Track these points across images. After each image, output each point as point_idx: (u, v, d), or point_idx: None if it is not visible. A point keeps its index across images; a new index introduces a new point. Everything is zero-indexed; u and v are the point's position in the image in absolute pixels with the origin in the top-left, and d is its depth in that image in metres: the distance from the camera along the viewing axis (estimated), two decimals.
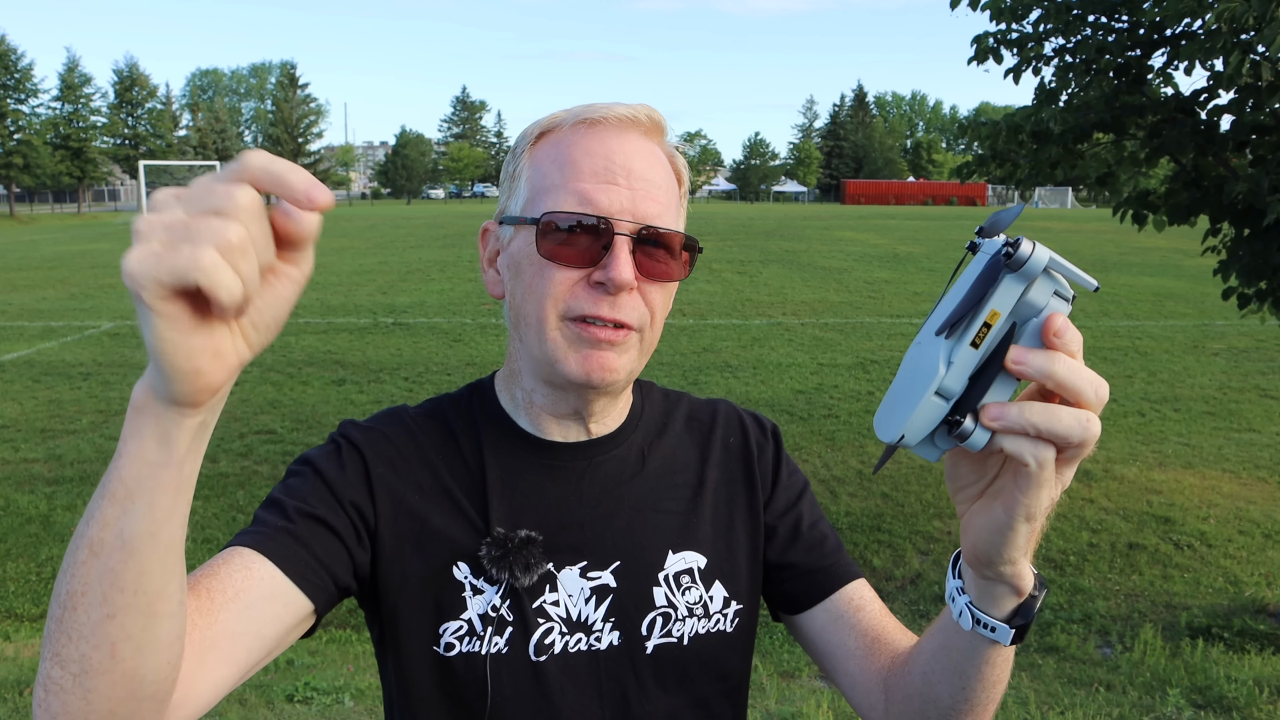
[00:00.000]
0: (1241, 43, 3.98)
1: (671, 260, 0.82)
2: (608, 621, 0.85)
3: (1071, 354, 0.53)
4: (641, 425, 0.93)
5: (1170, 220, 4.76)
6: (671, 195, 0.84)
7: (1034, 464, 0.54)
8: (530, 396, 0.87)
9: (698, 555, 0.88)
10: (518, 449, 0.87)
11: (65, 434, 7.24)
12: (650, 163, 0.82)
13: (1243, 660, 4.10)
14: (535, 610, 0.83)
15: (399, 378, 9.14)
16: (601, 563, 0.85)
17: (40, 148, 47.86)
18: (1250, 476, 6.55)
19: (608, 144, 0.80)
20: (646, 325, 0.82)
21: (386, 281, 16.71)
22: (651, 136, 0.84)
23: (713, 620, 0.87)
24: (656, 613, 0.86)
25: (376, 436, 0.86)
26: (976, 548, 0.61)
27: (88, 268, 19.36)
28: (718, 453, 0.94)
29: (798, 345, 10.92)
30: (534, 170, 0.83)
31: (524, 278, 0.82)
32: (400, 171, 77.48)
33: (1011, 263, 0.51)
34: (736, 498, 0.93)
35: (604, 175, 0.79)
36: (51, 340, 11.10)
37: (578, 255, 0.78)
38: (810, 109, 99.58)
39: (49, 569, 5.06)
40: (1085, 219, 41.69)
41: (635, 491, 0.89)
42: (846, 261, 20.57)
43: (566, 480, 0.87)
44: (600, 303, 0.78)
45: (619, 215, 0.78)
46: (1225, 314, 10.98)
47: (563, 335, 0.80)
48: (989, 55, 4.92)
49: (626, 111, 0.81)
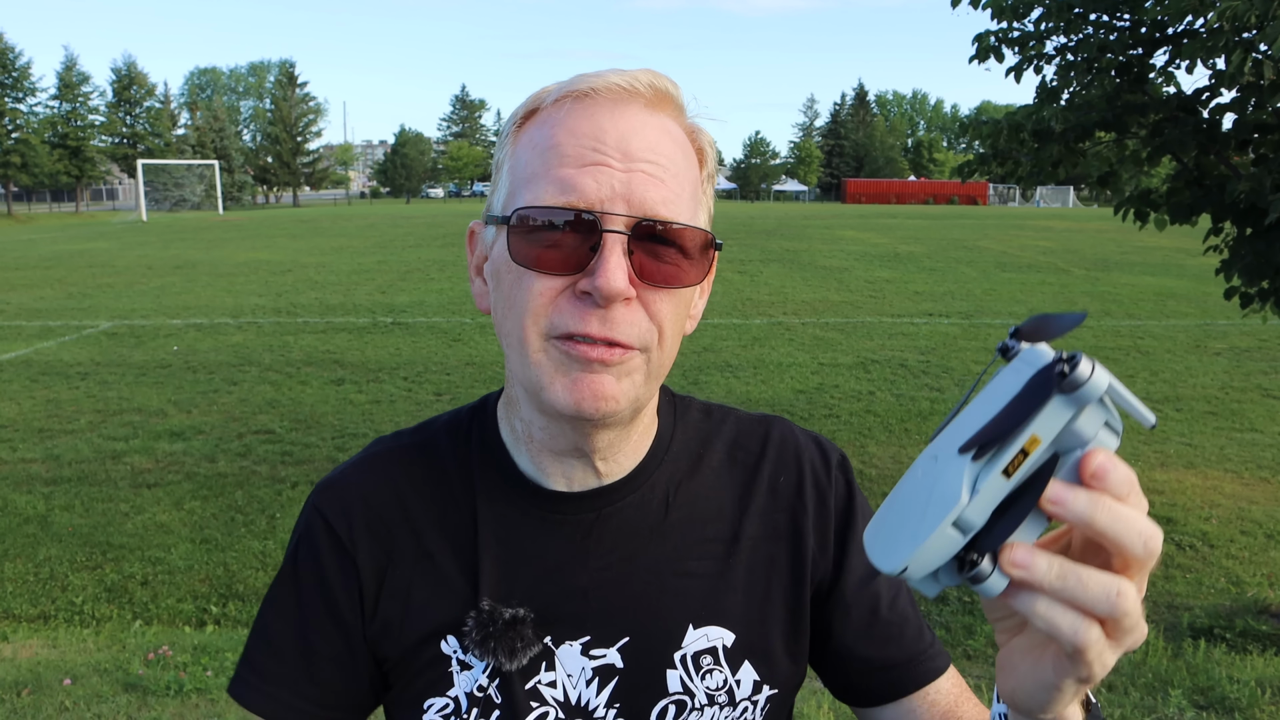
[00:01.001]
0: (1243, 41, 3.97)
1: (683, 260, 0.65)
2: (611, 708, 0.72)
3: (1120, 498, 0.44)
4: (669, 460, 0.77)
5: (1172, 219, 4.74)
6: (686, 178, 0.67)
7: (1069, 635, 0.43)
8: (529, 429, 0.73)
9: (724, 631, 0.74)
10: (515, 496, 0.74)
11: (63, 434, 7.22)
12: (655, 139, 0.65)
13: (1245, 661, 4.09)
14: (528, 692, 0.71)
15: (398, 377, 9.12)
16: (607, 639, 0.73)
17: (38, 146, 47.79)
18: (1252, 476, 6.54)
19: (598, 120, 0.64)
20: (653, 344, 0.66)
21: (385, 281, 16.68)
22: (658, 108, 0.67)
23: (739, 710, 0.74)
24: (669, 700, 0.73)
25: (352, 498, 0.75)
26: (1015, 695, 0.50)
27: (86, 267, 19.33)
28: (761, 498, 0.77)
29: (798, 345, 10.91)
30: (515, 158, 0.68)
31: (503, 289, 0.68)
32: (399, 170, 77.45)
33: (1065, 384, 0.43)
34: (780, 558, 0.76)
35: (592, 157, 0.63)
36: (49, 340, 11.07)
37: (560, 259, 0.63)
38: (811, 108, 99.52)
39: (46, 569, 5.04)
40: (1087, 218, 41.72)
41: (653, 550, 0.74)
42: (847, 261, 20.56)
43: (570, 536, 0.73)
44: (588, 317, 0.63)
45: (610, 206, 0.63)
46: (1227, 313, 10.98)
47: (548, 356, 0.65)
48: (990, 54, 4.90)
49: (621, 80, 0.65)
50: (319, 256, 21.39)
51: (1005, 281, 17.18)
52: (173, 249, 24.00)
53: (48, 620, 4.61)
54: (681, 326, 0.69)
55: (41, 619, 4.63)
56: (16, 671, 3.76)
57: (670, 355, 0.69)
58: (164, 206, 54.37)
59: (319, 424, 7.49)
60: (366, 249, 23.35)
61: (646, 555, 0.74)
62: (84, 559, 5.17)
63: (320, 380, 8.98)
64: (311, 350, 10.39)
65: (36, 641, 4.27)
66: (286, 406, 8.03)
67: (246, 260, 20.60)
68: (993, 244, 25.83)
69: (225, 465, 6.43)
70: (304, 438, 7.11)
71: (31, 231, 34.65)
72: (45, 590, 4.85)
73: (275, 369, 9.41)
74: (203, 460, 6.54)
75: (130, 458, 6.65)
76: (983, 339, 11.43)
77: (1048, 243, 26.49)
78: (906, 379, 9.23)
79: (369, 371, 9.37)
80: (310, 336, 11.19)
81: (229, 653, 3.94)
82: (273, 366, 9.53)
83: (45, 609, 4.70)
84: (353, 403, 8.17)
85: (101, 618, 4.62)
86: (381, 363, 9.76)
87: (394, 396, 8.38)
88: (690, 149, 0.69)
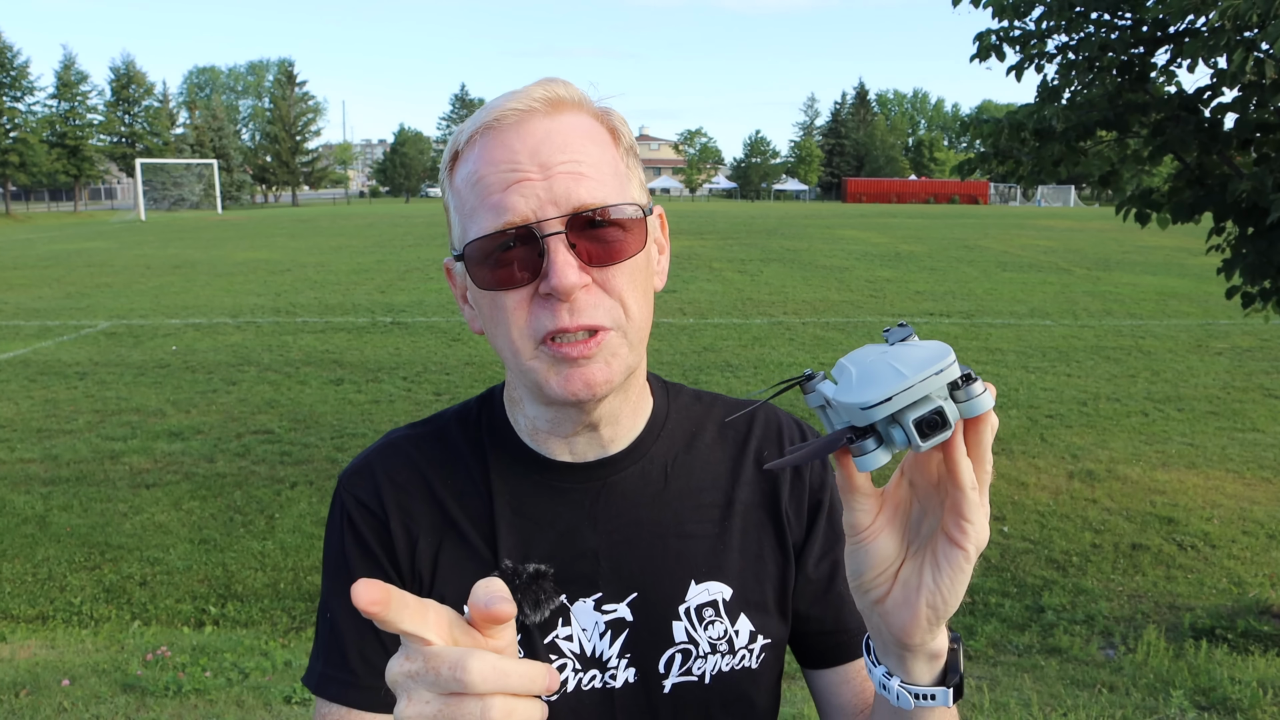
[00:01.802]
0: (1245, 40, 3.96)
1: (624, 234, 0.72)
2: (623, 658, 0.80)
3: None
4: (664, 436, 0.84)
5: (1173, 219, 4.73)
6: (604, 161, 0.73)
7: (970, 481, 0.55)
8: (534, 423, 0.81)
9: (722, 586, 0.82)
10: (526, 471, 0.81)
11: (61, 434, 7.20)
12: (564, 140, 0.72)
13: (1247, 661, 4.08)
14: (547, 646, 0.78)
15: (397, 377, 9.11)
16: (617, 595, 0.80)
17: (36, 146, 47.74)
18: (1254, 476, 6.53)
19: (509, 143, 0.71)
20: (621, 319, 0.73)
21: (385, 280, 16.66)
22: (558, 112, 0.73)
23: (737, 656, 0.81)
24: (676, 649, 0.80)
25: (380, 479, 0.82)
26: (930, 608, 0.59)
27: (84, 266, 19.31)
28: (750, 469, 0.85)
29: (799, 344, 10.90)
30: (456, 199, 0.75)
31: (484, 312, 0.76)
32: (399, 170, 77.41)
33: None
34: (767, 522, 0.84)
35: (513, 177, 0.70)
36: (47, 339, 11.05)
37: (515, 274, 0.71)
38: (811, 106, 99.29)
39: (45, 570, 5.03)
40: (1088, 217, 41.73)
41: (656, 514, 0.81)
42: (848, 260, 20.55)
43: (578, 504, 0.81)
44: (558, 312, 0.70)
45: (542, 213, 0.69)
46: (1229, 313, 10.99)
47: (540, 359, 0.73)
48: (991, 53, 4.88)
49: (516, 102, 0.72)
50: (318, 256, 21.37)
51: (1006, 281, 17.17)
52: (171, 248, 23.98)
53: (46, 621, 4.60)
54: (644, 290, 0.76)
55: (40, 619, 4.62)
56: (15, 672, 3.74)
57: (644, 318, 0.76)
58: (162, 206, 54.34)
59: (318, 424, 7.48)
60: (365, 248, 23.33)
61: (650, 519, 0.81)
62: (82, 559, 5.15)
63: (319, 380, 8.97)
64: (310, 350, 10.37)
65: (35, 642, 4.25)
66: (285, 406, 8.02)
67: (245, 260, 20.58)
68: (994, 243, 25.83)
69: (224, 465, 6.41)
70: (303, 438, 7.10)
71: (29, 231, 34.61)
72: (43, 590, 4.84)
73: (274, 369, 9.39)
74: (201, 460, 6.53)
75: (129, 458, 6.63)
76: (984, 339, 11.42)
77: (1049, 242, 26.49)
78: None
79: (368, 371, 9.36)
80: (309, 336, 11.18)
81: (227, 653, 3.92)
82: (271, 366, 9.51)
83: (43, 609, 4.69)
84: (352, 402, 8.16)
85: (100, 618, 4.61)
86: (381, 362, 9.75)
87: (393, 396, 8.37)
88: (601, 131, 0.75)
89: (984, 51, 4.89)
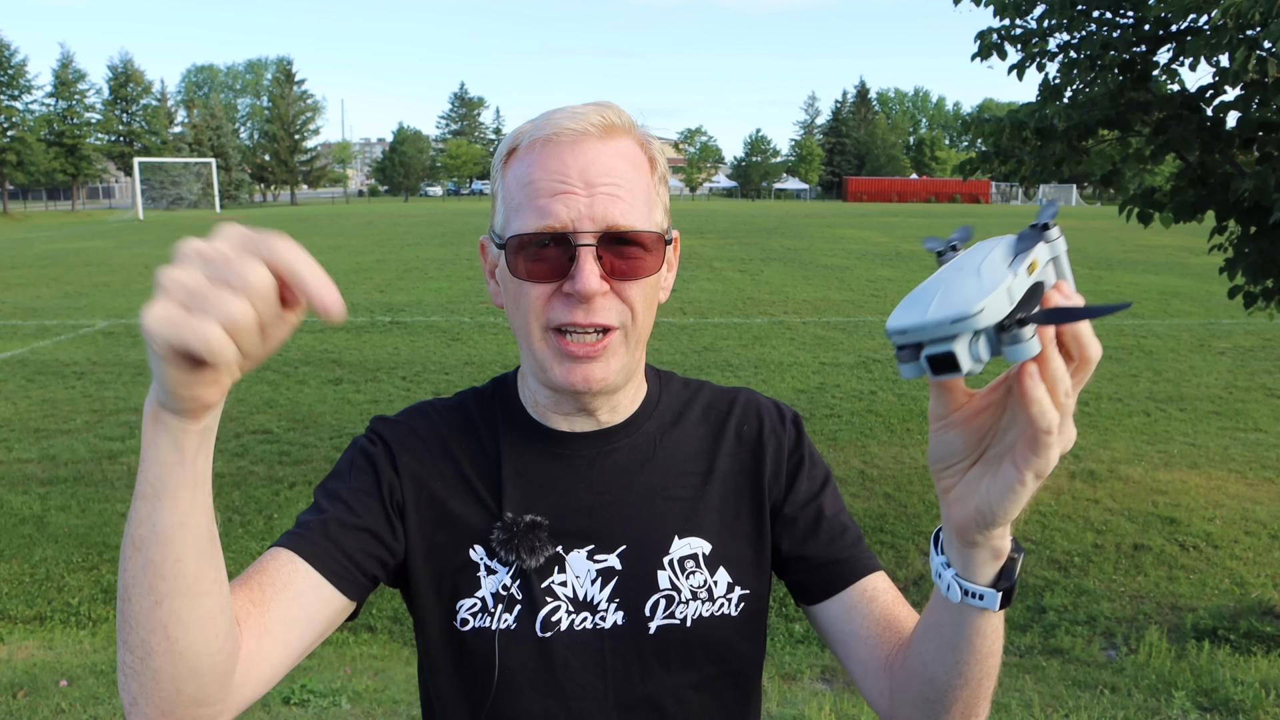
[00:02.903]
0: (1248, 38, 3.94)
1: (645, 255, 0.84)
2: (612, 602, 0.88)
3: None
4: (656, 415, 0.96)
5: (1176, 218, 4.72)
6: (639, 187, 0.85)
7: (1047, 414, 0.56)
8: (536, 397, 0.93)
9: (702, 541, 0.91)
10: (532, 440, 0.93)
11: (59, 434, 7.18)
12: (609, 164, 0.83)
13: (1249, 662, 4.06)
14: (544, 590, 0.88)
15: (396, 377, 9.09)
16: (608, 546, 0.89)
17: (34, 144, 47.69)
18: (1257, 476, 6.51)
19: (563, 159, 0.83)
20: (628, 321, 0.85)
21: (384, 280, 16.65)
22: (608, 137, 0.84)
23: (716, 604, 0.90)
24: (660, 595, 0.89)
25: (404, 430, 0.93)
26: (979, 512, 0.63)
27: (82, 266, 19.28)
28: (730, 442, 0.96)
29: (799, 344, 10.88)
30: (505, 190, 0.87)
31: (509, 294, 0.87)
32: (398, 168, 77.35)
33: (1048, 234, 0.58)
34: (744, 488, 0.94)
35: (561, 188, 0.82)
36: (45, 339, 11.03)
37: (547, 270, 0.82)
38: (812, 105, 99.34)
39: (42, 570, 5.01)
40: (1090, 216, 41.72)
41: (644, 479, 0.92)
42: (848, 259, 20.54)
43: (576, 469, 0.91)
44: (575, 310, 0.82)
45: (579, 224, 0.81)
46: (1231, 312, 10.98)
47: (547, 346, 0.85)
48: (993, 51, 4.87)
49: (576, 125, 0.83)
50: (317, 255, 20.62)
51: None
52: (169, 248, 23.36)
53: (44, 621, 4.58)
54: (651, 302, 0.88)
55: (37, 620, 4.60)
56: (12, 673, 3.73)
57: (646, 324, 0.88)
58: (161, 205, 54.27)
59: (316, 424, 7.46)
60: (364, 247, 23.32)
61: (639, 483, 0.91)
62: (80, 559, 5.14)
63: (318, 380, 8.95)
64: (309, 349, 10.35)
65: (32, 643, 4.24)
66: (284, 406, 8.00)
67: None
68: None
69: (222, 465, 6.39)
70: (301, 438, 7.08)
71: (27, 230, 34.57)
72: (41, 591, 4.82)
73: (272, 368, 9.37)
74: None
75: (127, 458, 6.61)
76: None
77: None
78: None
79: (367, 371, 9.34)
80: (308, 335, 11.15)
81: None
82: (270, 366, 9.49)
83: (41, 610, 4.67)
84: (350, 402, 8.14)
85: (98, 619, 4.59)
86: (379, 362, 9.73)
87: (392, 396, 8.35)
88: (641, 159, 0.87)
89: (985, 50, 4.88)
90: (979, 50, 4.90)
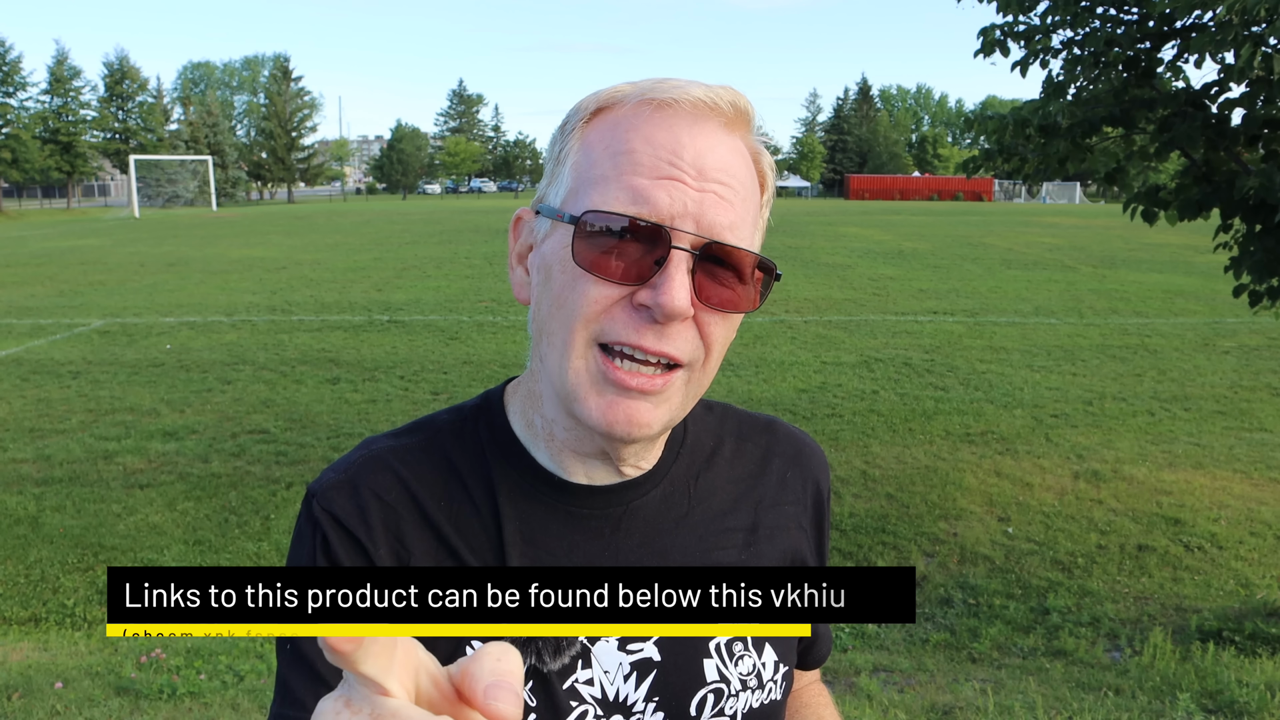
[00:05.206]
0: (1253, 35, 3.92)
1: (740, 285, 0.67)
2: (650, 701, 0.72)
3: None
4: (684, 453, 0.78)
5: (1180, 216, 4.69)
6: (750, 204, 0.69)
7: None
8: (550, 428, 0.72)
9: None
10: (538, 492, 0.73)
11: (54, 434, 7.13)
12: (728, 161, 0.66)
13: (1254, 664, 4.04)
14: (566, 691, 0.70)
15: (394, 376, 9.04)
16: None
17: (29, 142, 47.58)
18: (1262, 477, 6.49)
19: (676, 133, 0.65)
20: (699, 362, 0.67)
21: (382, 278, 16.59)
22: (734, 129, 0.68)
23: (765, 691, 0.76)
24: (708, 689, 0.73)
25: (364, 498, 0.70)
26: None
27: (77, 264, 19.20)
28: (772, 491, 0.80)
29: (800, 343, 10.85)
30: (583, 154, 0.67)
31: (553, 286, 0.67)
32: (395, 166, 77.26)
33: None
34: (789, 548, 0.81)
35: (667, 170, 0.64)
36: (40, 338, 10.96)
37: (623, 268, 0.63)
38: (813, 102, 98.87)
39: (37, 571, 4.97)
40: (1094, 214, 41.75)
41: (681, 542, 0.75)
42: (850, 258, 20.51)
43: (598, 531, 0.73)
44: (644, 331, 0.64)
45: (680, 223, 0.63)
46: (1236, 311, 10.94)
47: (587, 367, 0.65)
48: (996, 48, 4.84)
49: (704, 94, 0.66)
50: (314, 253, 21.27)
51: (1011, 279, 17.14)
52: (166, 246, 23.86)
53: (39, 623, 4.55)
54: (728, 343, 0.70)
55: (32, 621, 4.56)
56: (7, 675, 3.69)
57: (711, 374, 0.70)
58: (157, 203, 54.10)
59: (314, 424, 7.41)
60: (362, 246, 23.24)
61: (674, 548, 0.75)
62: (75, 560, 5.09)
63: (315, 379, 8.90)
64: (306, 349, 10.30)
65: (27, 644, 4.20)
66: (281, 406, 7.95)
67: (240, 257, 20.48)
68: (998, 241, 25.80)
69: (219, 465, 6.35)
70: (299, 437, 7.04)
71: (22, 228, 34.44)
72: (36, 592, 4.78)
73: (270, 368, 9.32)
74: (196, 460, 6.46)
75: (122, 458, 6.56)
76: (988, 337, 11.39)
77: (1054, 239, 26.47)
78: (910, 378, 9.18)
79: (365, 370, 9.29)
80: (305, 335, 11.10)
81: (222, 655, 3.88)
82: (267, 365, 9.44)
83: (36, 611, 4.63)
84: (348, 402, 8.10)
85: (93, 620, 4.55)
86: (377, 361, 9.68)
87: (390, 395, 8.31)
88: (755, 172, 0.70)
89: (988, 47, 4.85)
90: (982, 47, 4.87)
